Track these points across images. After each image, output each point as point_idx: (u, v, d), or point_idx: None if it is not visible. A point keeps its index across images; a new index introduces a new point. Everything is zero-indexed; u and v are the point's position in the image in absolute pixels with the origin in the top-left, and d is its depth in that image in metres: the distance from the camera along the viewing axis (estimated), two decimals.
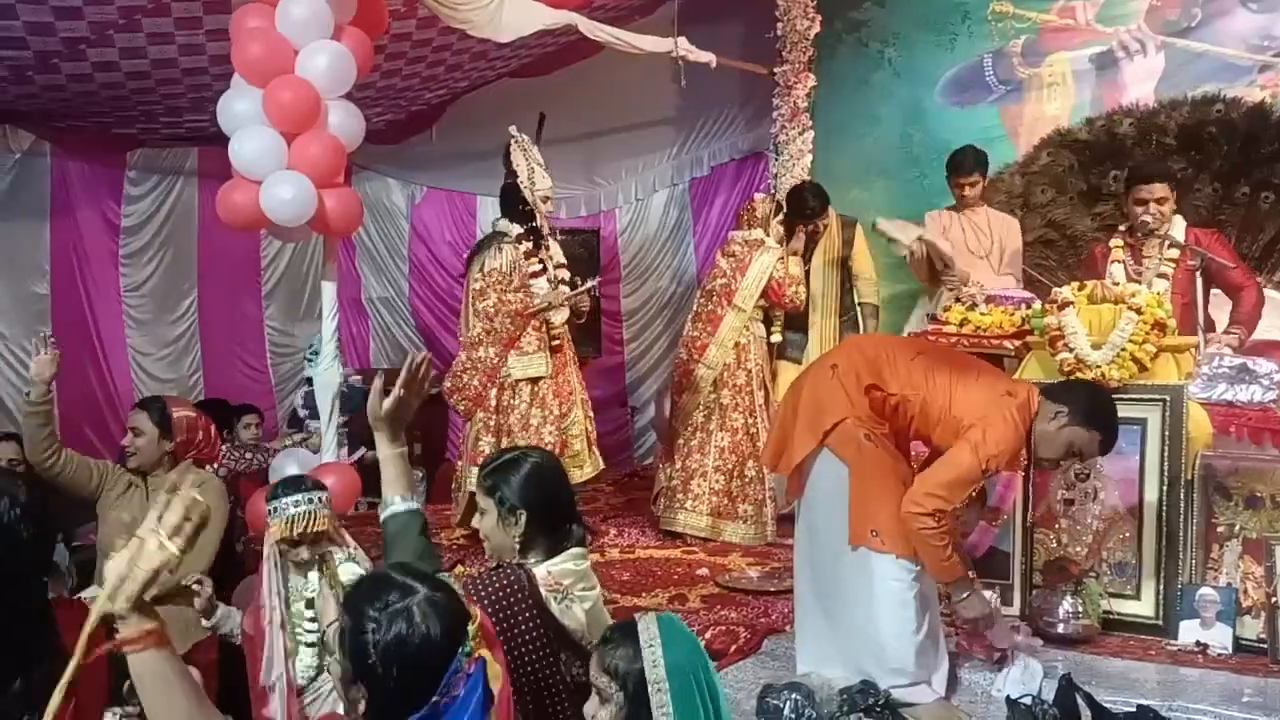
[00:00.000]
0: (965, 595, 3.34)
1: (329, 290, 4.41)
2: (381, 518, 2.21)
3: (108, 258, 6.82)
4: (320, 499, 3.10)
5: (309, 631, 3.07)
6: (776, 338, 5.78)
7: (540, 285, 5.29)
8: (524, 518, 2.45)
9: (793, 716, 3.37)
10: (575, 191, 7.56)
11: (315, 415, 5.36)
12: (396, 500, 2.18)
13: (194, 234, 7.11)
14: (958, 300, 4.73)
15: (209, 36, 5.14)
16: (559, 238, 5.72)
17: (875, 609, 3.34)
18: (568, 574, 2.42)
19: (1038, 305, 4.34)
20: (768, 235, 5.62)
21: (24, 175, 6.42)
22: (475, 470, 5.20)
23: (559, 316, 5.33)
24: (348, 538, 3.23)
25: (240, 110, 3.97)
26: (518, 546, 2.46)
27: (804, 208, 5.82)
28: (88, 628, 1.44)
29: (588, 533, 2.64)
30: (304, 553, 3.06)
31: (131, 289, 6.90)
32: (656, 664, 1.99)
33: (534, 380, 5.24)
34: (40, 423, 3.72)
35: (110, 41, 5.12)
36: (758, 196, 5.91)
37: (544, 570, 2.39)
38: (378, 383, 2.22)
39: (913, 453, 3.64)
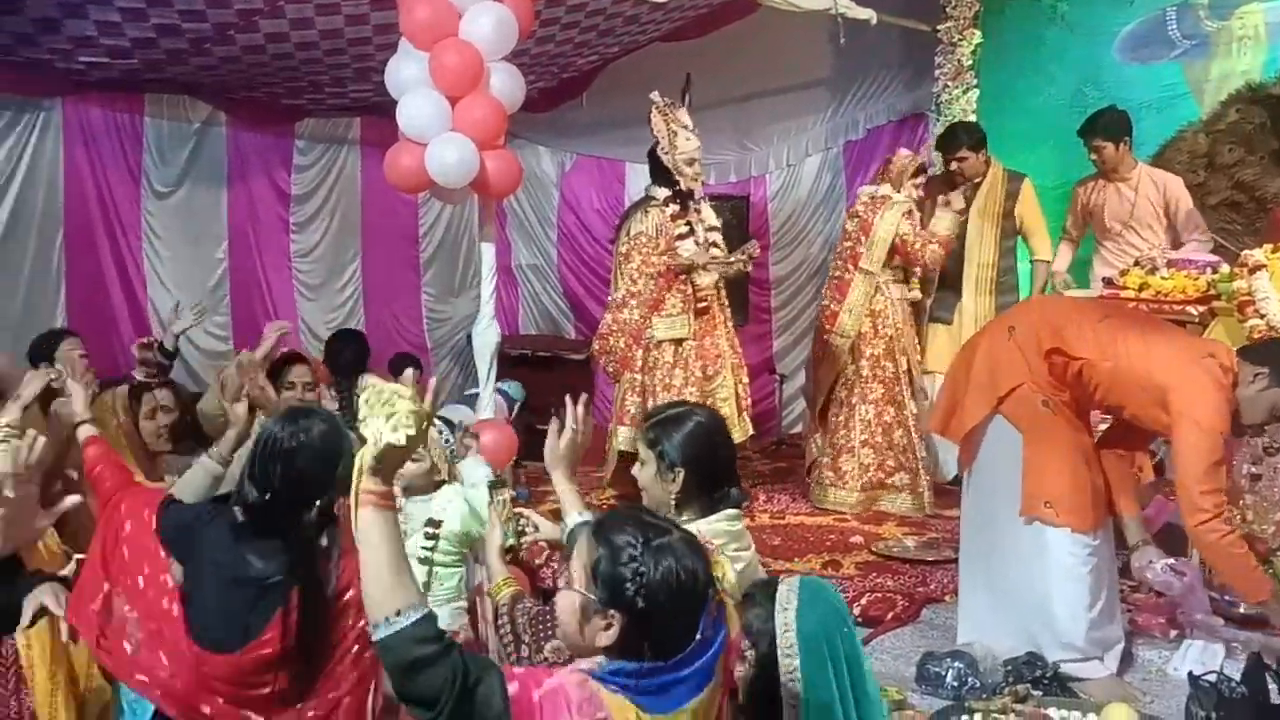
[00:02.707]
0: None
1: (488, 251, 4.48)
2: (564, 534, 2.41)
3: (279, 225, 7.10)
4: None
5: (422, 548, 3.13)
6: (915, 294, 5.58)
7: (687, 247, 5.31)
8: (681, 475, 2.44)
9: (955, 685, 3.32)
10: (725, 157, 7.49)
11: None
12: (574, 515, 2.37)
13: (357, 202, 7.34)
14: (1136, 264, 4.51)
15: (373, 6, 5.27)
16: (710, 202, 5.70)
17: (1048, 583, 3.23)
18: (720, 534, 2.40)
19: (1225, 269, 4.11)
20: (898, 192, 5.46)
21: (202, 145, 6.72)
22: (623, 430, 5.36)
23: (705, 279, 5.33)
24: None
25: (407, 74, 4.06)
26: (673, 502, 2.45)
27: (953, 141, 5.63)
28: (355, 480, 1.66)
29: (746, 495, 2.60)
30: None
31: (301, 255, 7.18)
32: (789, 628, 1.96)
33: (677, 341, 5.29)
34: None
35: (281, 13, 5.31)
36: (902, 152, 5.76)
37: (695, 529, 2.37)
38: (554, 425, 2.45)
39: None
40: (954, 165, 5.66)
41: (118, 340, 6.25)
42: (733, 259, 5.37)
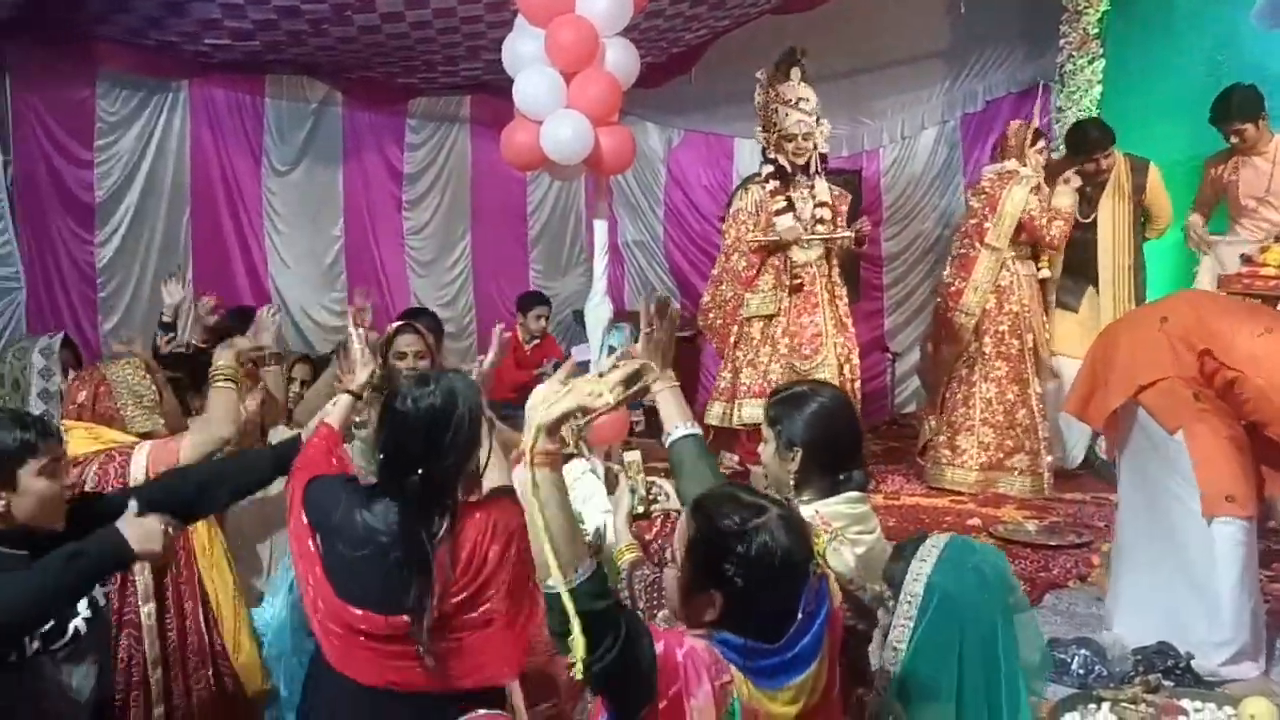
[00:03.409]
0: None
1: (601, 227, 4.46)
2: (666, 444, 2.28)
3: (391, 202, 7.23)
4: None
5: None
6: (1045, 272, 5.43)
7: (784, 223, 5.27)
8: (799, 455, 2.40)
9: (1081, 672, 3.24)
10: (837, 131, 7.31)
11: None
12: (677, 427, 2.24)
13: (467, 180, 7.43)
14: (1277, 240, 4.30)
15: None
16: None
17: (1216, 577, 3.11)
18: (839, 516, 2.35)
19: None
20: (1023, 166, 5.30)
21: (319, 124, 6.89)
22: (714, 406, 5.37)
23: (802, 255, 5.30)
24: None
25: (523, 51, 4.05)
26: (792, 482, 2.41)
27: (1084, 141, 5.44)
28: (531, 441, 1.68)
29: (870, 478, 2.55)
30: None
31: (413, 232, 7.30)
32: (918, 577, 1.94)
33: (768, 318, 5.26)
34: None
35: None
36: (1013, 124, 5.60)
37: (811, 510, 2.32)
38: (639, 336, 2.37)
39: None
40: (1089, 165, 5.48)
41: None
42: (832, 234, 5.28)
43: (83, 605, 2.17)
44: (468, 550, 2.16)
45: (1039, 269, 5.44)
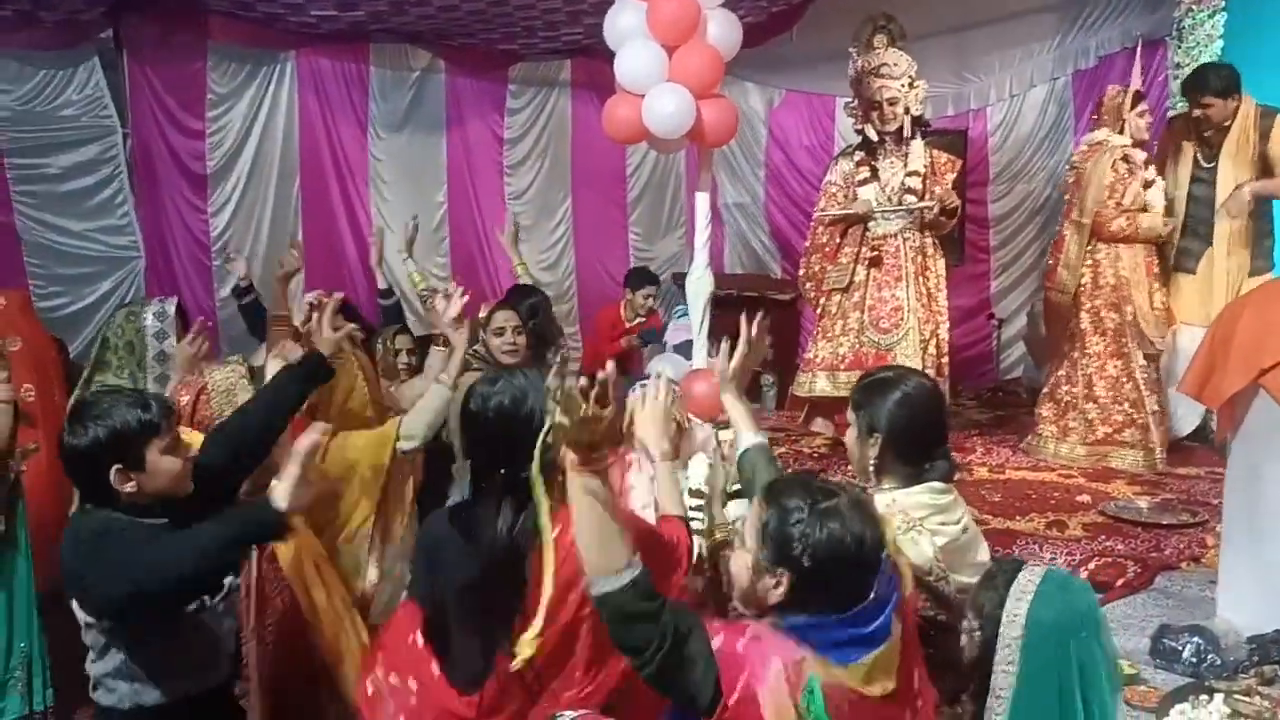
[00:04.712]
0: None
1: (703, 200, 4.47)
2: (736, 456, 2.41)
3: (493, 167, 7.29)
4: None
5: (693, 520, 3.13)
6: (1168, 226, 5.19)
7: (866, 194, 5.22)
8: (880, 441, 2.37)
9: (1194, 660, 3.16)
10: (943, 89, 7.16)
11: None
12: (747, 436, 2.37)
13: (567, 144, 7.44)
14: None
15: None
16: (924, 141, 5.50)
17: None
18: (920, 506, 2.32)
19: None
20: (1118, 133, 5.10)
21: (422, 91, 6.98)
22: (800, 375, 5.38)
23: (881, 228, 5.25)
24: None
25: (624, 24, 4.05)
26: (872, 469, 2.39)
27: (1202, 84, 5.21)
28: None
29: (955, 468, 2.50)
30: None
31: (514, 196, 7.36)
32: (1017, 617, 1.87)
33: (846, 290, 5.24)
34: None
35: None
36: (1110, 89, 5.39)
37: (889, 498, 2.31)
38: (725, 346, 2.45)
39: None
40: (1198, 111, 5.23)
41: (348, 279, 6.59)
42: (909, 206, 5.21)
43: None
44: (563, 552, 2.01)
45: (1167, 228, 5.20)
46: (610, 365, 1.83)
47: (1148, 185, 5.14)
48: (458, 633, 2.11)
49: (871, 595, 1.68)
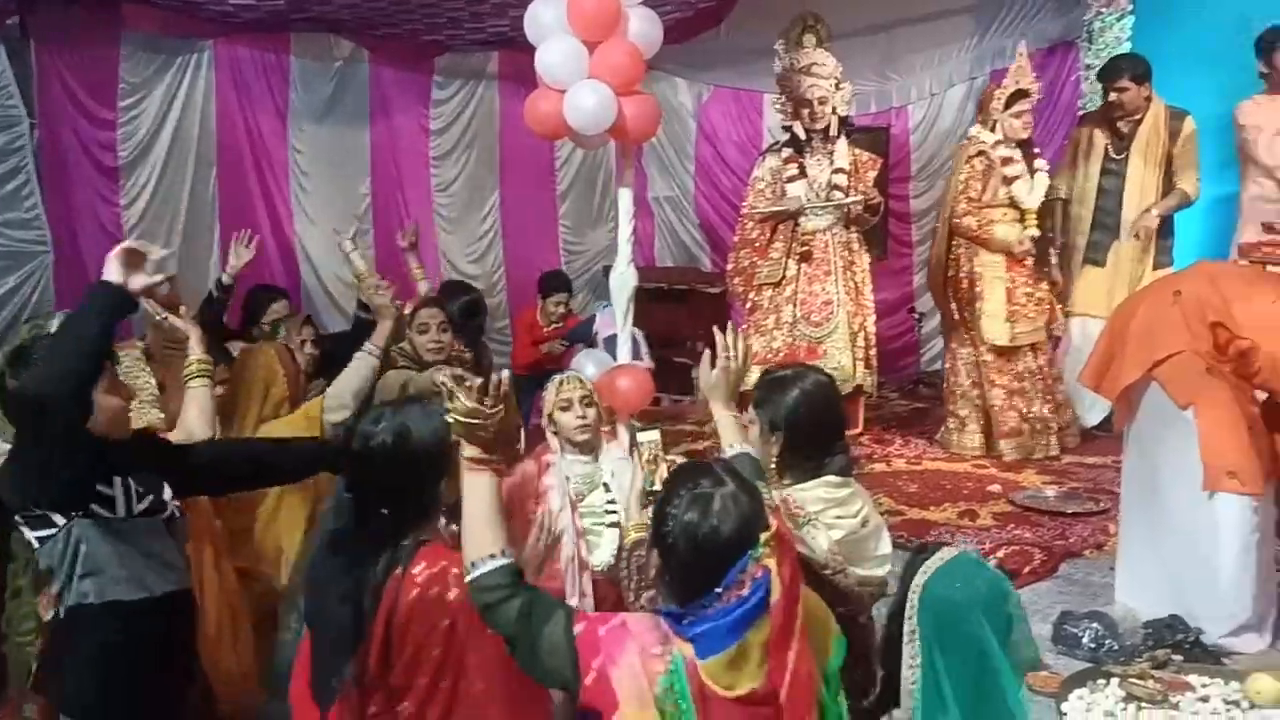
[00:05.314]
0: None
1: (625, 195, 4.45)
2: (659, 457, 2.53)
3: (419, 159, 7.23)
4: None
5: (608, 513, 3.10)
6: (1031, 231, 5.21)
7: (795, 190, 5.30)
8: (782, 438, 2.42)
9: (1093, 646, 3.27)
10: (866, 87, 7.27)
11: None
12: (731, 447, 2.33)
13: (496, 135, 7.41)
14: None
15: None
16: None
17: (1218, 552, 3.14)
18: (816, 500, 2.37)
19: None
20: (990, 130, 5.22)
21: (345, 81, 6.89)
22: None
23: (811, 223, 5.33)
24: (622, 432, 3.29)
25: (545, 19, 4.03)
26: (774, 466, 2.43)
27: (1116, 71, 5.37)
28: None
29: (853, 462, 2.56)
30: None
31: (441, 188, 7.30)
32: (916, 591, 1.96)
33: (777, 285, 5.33)
34: None
35: None
36: (988, 88, 5.59)
37: (788, 495, 2.34)
38: (706, 356, 2.40)
39: None
40: (1114, 96, 5.36)
41: (267, 272, 6.48)
42: (835, 202, 5.29)
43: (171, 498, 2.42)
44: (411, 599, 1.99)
45: (1025, 229, 5.27)
46: (505, 371, 1.91)
47: (1009, 181, 5.20)
48: (317, 650, 2.13)
49: (719, 588, 1.69)
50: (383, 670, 2.00)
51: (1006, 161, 5.17)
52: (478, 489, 1.86)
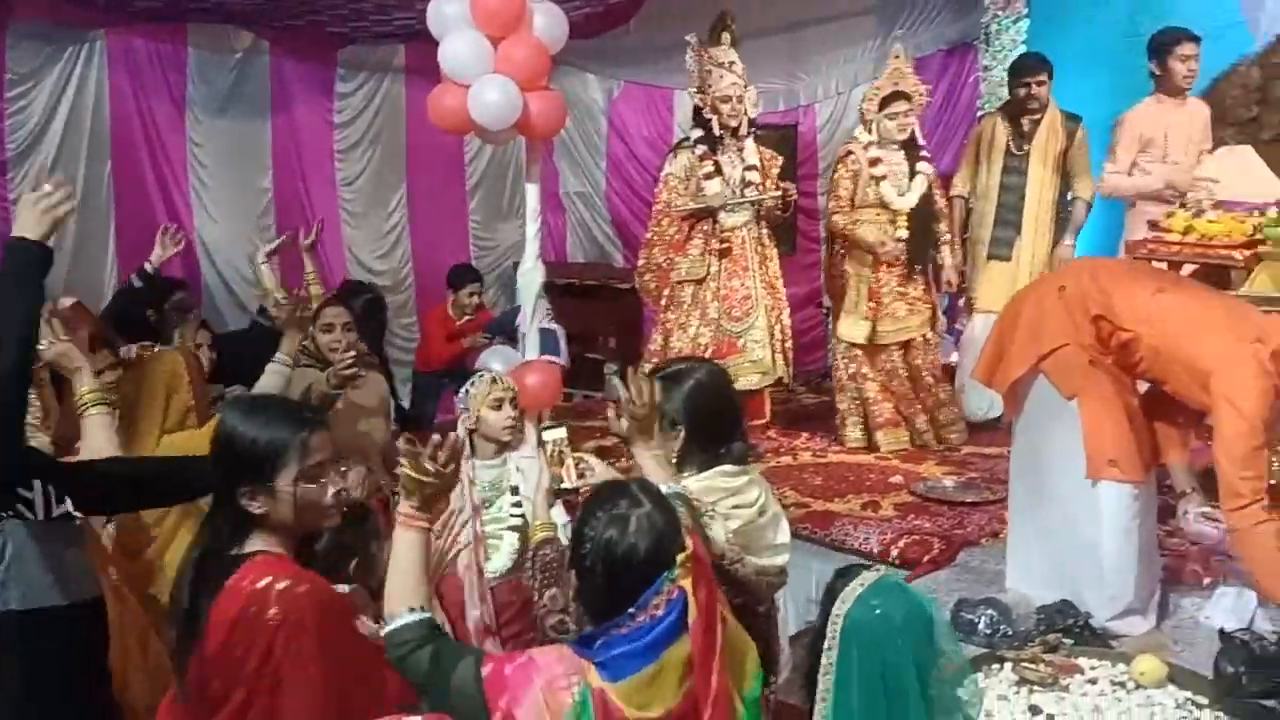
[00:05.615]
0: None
1: (532, 191, 4.45)
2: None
3: (323, 153, 7.12)
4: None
5: (512, 515, 3.13)
6: (901, 233, 5.24)
7: (713, 187, 5.33)
8: (682, 433, 2.43)
9: (988, 632, 3.35)
10: (773, 86, 7.35)
11: None
12: (664, 488, 2.25)
13: (403, 129, 7.32)
14: (1182, 206, 4.41)
15: None
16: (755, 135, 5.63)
17: (1101, 537, 3.24)
18: (713, 490, 2.37)
19: (1273, 213, 4.01)
20: (867, 131, 5.32)
21: (245, 74, 6.75)
22: (647, 368, 5.39)
23: (730, 219, 5.37)
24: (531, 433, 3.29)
25: (449, 12, 4.00)
26: (674, 459, 2.42)
27: (1029, 66, 5.50)
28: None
29: (750, 451, 2.56)
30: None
31: (346, 182, 7.20)
32: (837, 619, 1.88)
33: (698, 282, 5.35)
34: None
35: None
36: (866, 90, 5.62)
37: (686, 485, 2.32)
38: (612, 408, 2.37)
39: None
40: (1025, 91, 5.46)
41: (166, 266, 6.29)
42: (756, 196, 5.34)
43: None
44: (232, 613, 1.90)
45: (894, 230, 5.30)
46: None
47: (876, 180, 5.24)
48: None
49: (633, 609, 1.70)
50: (202, 682, 1.94)
51: (874, 162, 5.24)
52: (406, 543, 1.88)
